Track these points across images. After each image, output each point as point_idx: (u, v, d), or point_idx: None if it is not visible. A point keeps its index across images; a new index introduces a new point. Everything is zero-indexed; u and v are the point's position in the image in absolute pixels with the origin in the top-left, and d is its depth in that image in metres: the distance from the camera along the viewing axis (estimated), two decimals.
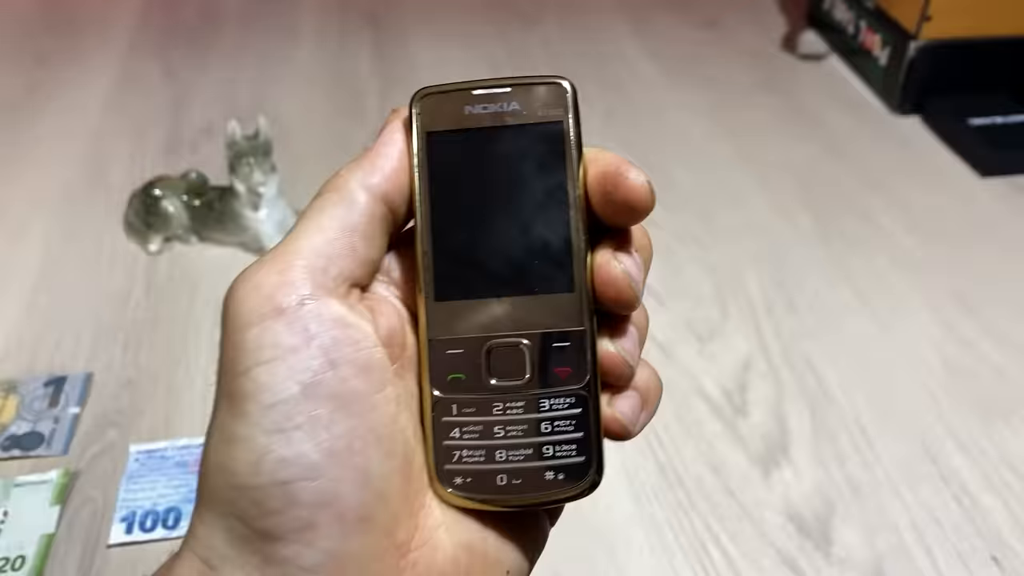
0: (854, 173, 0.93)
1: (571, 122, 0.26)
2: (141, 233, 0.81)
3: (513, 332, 0.25)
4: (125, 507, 0.58)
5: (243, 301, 0.23)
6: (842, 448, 0.63)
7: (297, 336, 0.22)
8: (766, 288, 0.77)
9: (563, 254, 0.25)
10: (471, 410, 0.25)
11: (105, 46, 1.17)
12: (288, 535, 0.22)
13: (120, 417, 0.65)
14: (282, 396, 0.22)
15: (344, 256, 0.24)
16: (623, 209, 0.25)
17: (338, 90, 1.08)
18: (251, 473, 0.22)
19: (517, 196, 0.26)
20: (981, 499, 0.59)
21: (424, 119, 0.26)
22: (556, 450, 0.25)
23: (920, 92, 0.99)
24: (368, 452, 0.23)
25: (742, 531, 0.57)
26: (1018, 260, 0.80)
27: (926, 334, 0.72)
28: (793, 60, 1.15)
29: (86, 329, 0.72)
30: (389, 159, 0.26)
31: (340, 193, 0.25)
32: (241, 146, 0.74)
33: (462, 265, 0.26)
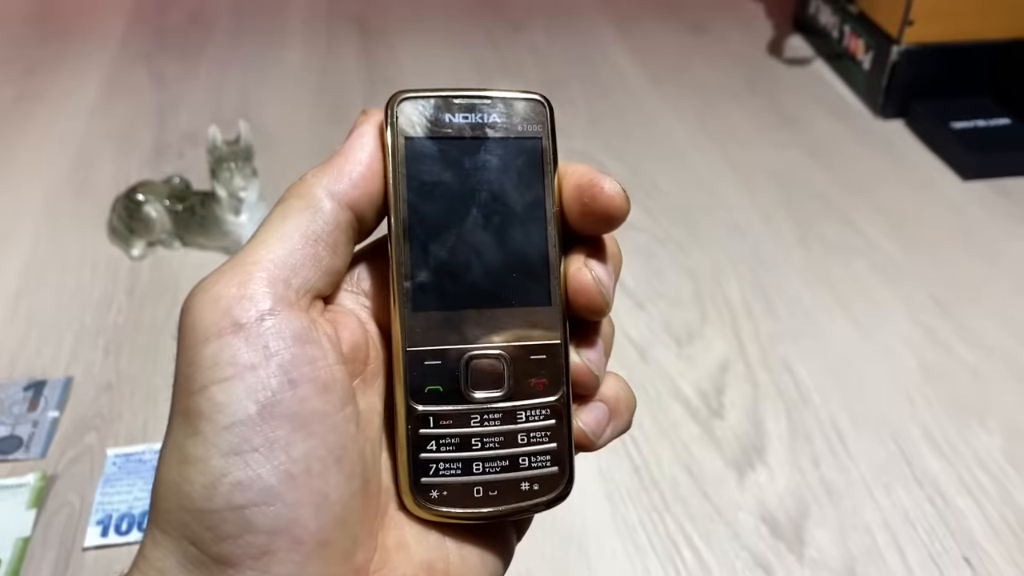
0: (836, 177, 0.93)
1: (549, 138, 0.26)
2: (124, 238, 0.81)
3: (492, 344, 0.25)
4: (101, 510, 0.58)
5: (201, 315, 0.22)
6: (817, 450, 0.63)
7: (256, 353, 0.22)
8: (746, 292, 0.77)
9: (541, 268, 0.26)
10: (448, 422, 0.25)
11: (94, 53, 1.17)
12: (244, 561, 0.21)
13: (99, 421, 0.65)
14: (239, 417, 0.21)
15: (307, 267, 0.23)
16: (601, 219, 0.25)
17: (324, 95, 1.08)
18: (206, 497, 0.21)
19: (496, 209, 0.25)
20: (955, 500, 0.59)
21: (402, 123, 0.25)
22: (532, 461, 0.25)
23: (903, 96, 1.00)
24: (327, 475, 0.22)
25: (715, 533, 0.57)
26: (996, 263, 0.81)
27: (903, 337, 0.72)
28: (779, 65, 1.16)
29: (68, 333, 0.73)
30: (358, 164, 0.25)
31: (305, 199, 0.24)
32: (222, 151, 0.75)
33: (440, 276, 0.25)
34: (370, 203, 0.25)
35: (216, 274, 0.23)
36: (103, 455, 0.62)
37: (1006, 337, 0.72)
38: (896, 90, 0.99)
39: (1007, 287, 0.78)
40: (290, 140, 0.99)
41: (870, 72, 1.02)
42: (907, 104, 1.00)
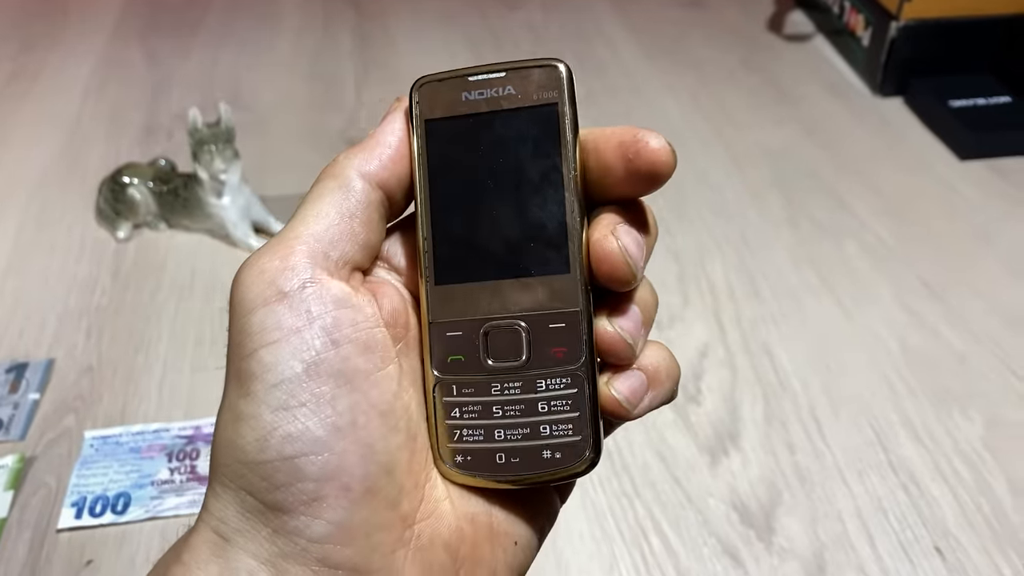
0: (831, 156, 0.92)
1: (566, 103, 0.26)
2: (111, 220, 0.81)
3: (510, 314, 0.26)
4: (76, 492, 0.59)
5: (248, 287, 0.24)
6: (793, 436, 0.62)
7: (299, 318, 0.23)
8: (730, 274, 0.76)
9: (558, 235, 0.26)
10: (470, 391, 0.26)
11: (90, 32, 1.17)
12: (296, 507, 0.23)
13: (79, 403, 0.66)
14: (286, 375, 0.23)
15: (344, 240, 0.25)
16: (646, 176, 0.25)
17: (317, 78, 1.07)
18: (258, 449, 0.23)
19: (512, 180, 0.26)
20: (929, 488, 0.59)
21: (423, 107, 0.27)
22: (553, 429, 0.26)
23: (902, 73, 0.98)
24: (371, 427, 0.23)
25: (684, 519, 0.57)
26: (989, 246, 0.79)
27: (889, 320, 0.71)
28: (778, 40, 1.13)
29: (51, 315, 0.73)
30: (387, 147, 0.26)
31: (338, 180, 0.26)
32: (202, 134, 0.75)
33: (460, 249, 0.26)
34: (398, 184, 0.26)
35: (261, 250, 0.25)
36: (81, 437, 0.63)
37: (995, 323, 0.71)
38: (894, 67, 0.97)
39: (999, 271, 0.76)
40: (281, 122, 0.98)
41: (869, 49, 1.00)
42: (906, 81, 0.98)
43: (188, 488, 0.59)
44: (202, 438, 0.62)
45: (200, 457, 0.61)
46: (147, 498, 0.59)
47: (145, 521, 0.57)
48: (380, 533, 0.23)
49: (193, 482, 0.60)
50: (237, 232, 0.78)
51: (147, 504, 0.58)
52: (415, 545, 0.24)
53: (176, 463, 0.61)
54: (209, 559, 0.23)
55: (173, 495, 0.59)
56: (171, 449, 0.62)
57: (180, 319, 0.73)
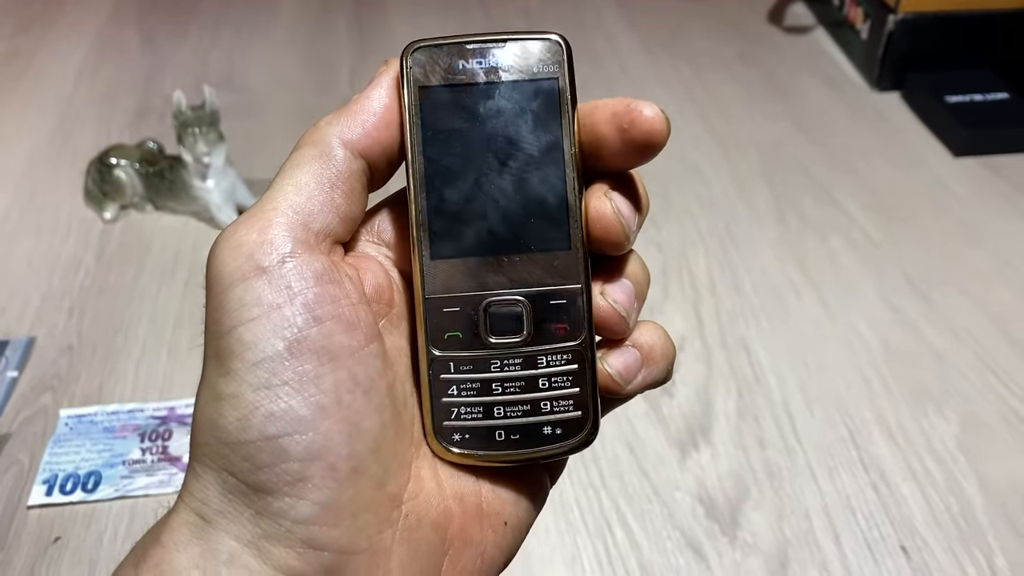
0: (823, 150, 0.91)
1: (566, 78, 0.26)
2: (98, 201, 0.82)
3: (511, 290, 0.25)
4: (48, 469, 0.59)
5: (225, 261, 0.23)
6: (765, 432, 0.62)
7: (280, 294, 0.23)
8: (712, 267, 0.76)
9: (560, 212, 0.25)
10: (468, 367, 0.26)
11: (88, 13, 1.17)
12: (280, 488, 0.22)
13: (57, 382, 0.66)
14: (268, 353, 0.22)
15: (324, 212, 0.24)
16: (640, 145, 0.25)
17: (312, 61, 1.07)
18: (240, 429, 0.22)
19: (513, 153, 0.25)
20: (899, 487, 0.58)
21: (416, 73, 0.25)
22: (553, 405, 0.25)
23: (899, 67, 0.96)
24: (356, 405, 0.23)
25: (650, 512, 0.57)
26: (977, 244, 0.78)
27: (871, 317, 0.71)
28: (778, 33, 1.12)
29: (35, 294, 0.74)
30: (371, 113, 0.25)
31: (318, 148, 0.25)
32: (187, 116, 0.75)
33: (458, 223, 0.25)
34: (382, 153, 0.25)
35: (237, 223, 0.24)
36: (56, 416, 0.63)
37: (978, 322, 0.70)
38: (892, 61, 0.96)
39: (987, 270, 0.75)
40: (274, 106, 0.98)
41: (867, 42, 0.99)
42: (903, 76, 0.96)
43: (159, 468, 0.60)
44: (175, 419, 0.63)
45: (172, 438, 0.61)
46: (117, 477, 0.59)
47: (114, 500, 0.58)
48: (367, 513, 0.23)
49: (164, 462, 0.60)
50: (221, 215, 0.78)
51: (117, 483, 0.59)
52: (403, 525, 0.24)
53: (148, 443, 0.61)
54: (190, 541, 0.23)
55: (144, 475, 0.59)
56: (144, 429, 0.62)
57: (161, 301, 0.73)
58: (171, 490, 0.58)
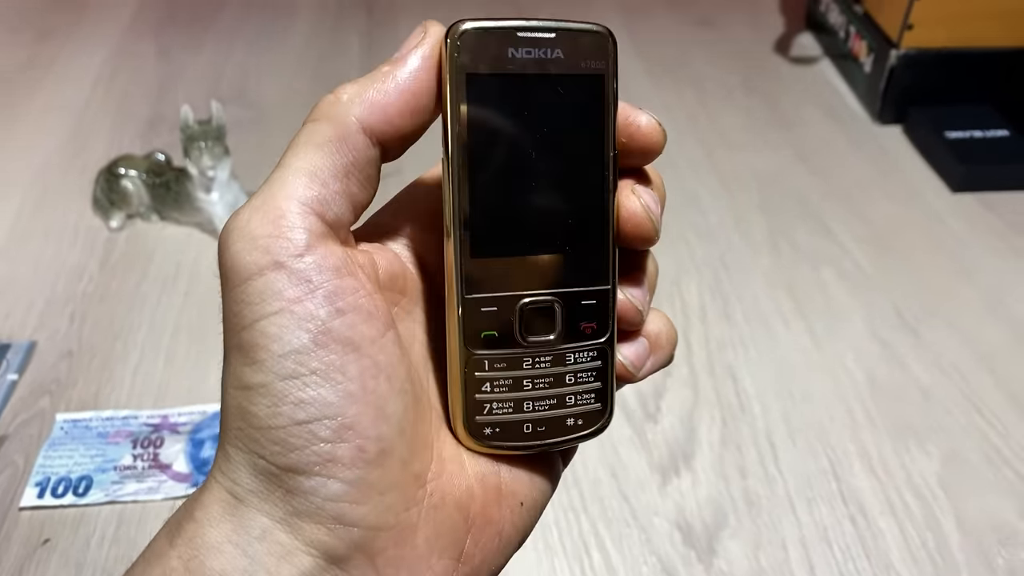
0: (821, 181, 0.91)
1: (612, 74, 0.25)
2: (105, 209, 0.84)
3: (547, 290, 0.26)
4: (41, 472, 0.61)
5: (240, 254, 0.23)
6: (747, 461, 0.63)
7: (300, 288, 0.23)
8: (704, 295, 0.77)
9: (597, 213, 0.26)
10: (502, 365, 0.26)
11: (107, 23, 1.20)
12: (311, 468, 0.23)
13: (55, 386, 0.68)
14: (294, 345, 0.23)
15: (339, 202, 0.24)
16: (639, 154, 0.26)
17: (321, 77, 1.09)
18: (270, 415, 0.23)
19: (554, 151, 0.25)
20: (877, 521, 0.59)
21: (463, 58, 0.24)
22: (578, 399, 0.27)
23: (901, 101, 0.97)
24: (380, 391, 0.24)
25: (628, 536, 0.58)
26: (970, 280, 0.79)
27: (858, 350, 0.71)
28: (783, 63, 1.13)
29: (39, 299, 0.76)
30: (397, 97, 0.24)
31: (337, 128, 0.24)
32: (193, 130, 0.76)
33: (499, 223, 0.25)
34: (401, 140, 0.25)
35: (249, 210, 0.23)
36: (53, 419, 0.65)
37: (966, 358, 0.71)
38: (894, 95, 0.97)
39: (977, 306, 0.76)
40: (281, 121, 1.00)
41: (870, 75, 1.00)
42: (905, 110, 0.97)
43: (148, 475, 0.61)
44: (168, 427, 0.64)
45: (163, 445, 0.63)
46: (108, 482, 0.60)
47: (104, 504, 0.59)
48: (393, 492, 0.24)
49: (154, 469, 0.61)
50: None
51: (108, 488, 0.60)
52: (428, 503, 0.25)
53: (140, 450, 0.62)
54: (222, 517, 0.23)
55: (134, 481, 0.60)
56: (136, 436, 0.63)
57: (161, 310, 0.75)
58: (159, 497, 0.59)
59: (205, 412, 0.65)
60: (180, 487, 0.60)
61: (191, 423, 0.64)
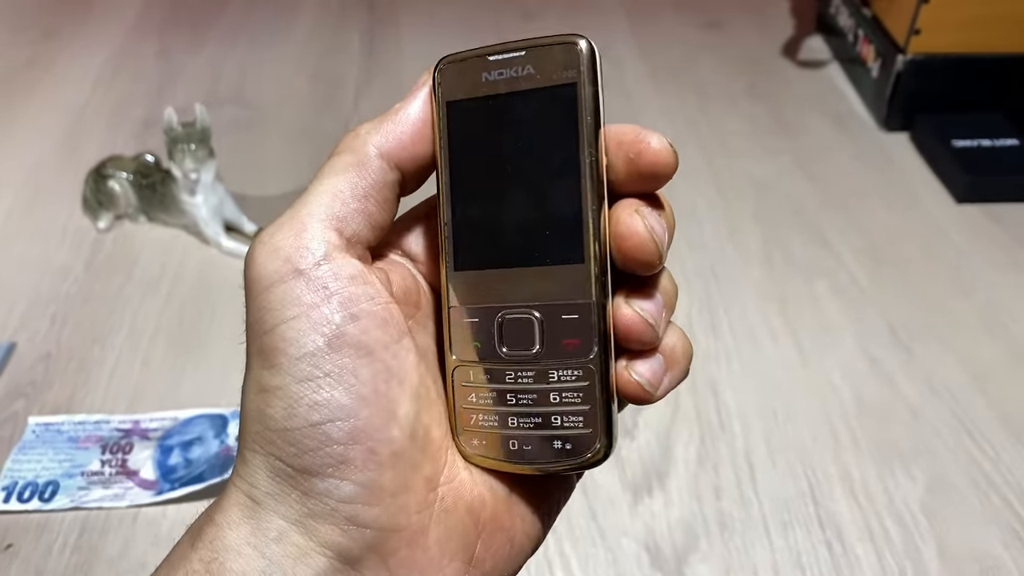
0: (820, 190, 0.89)
1: (587, 83, 0.25)
2: (93, 210, 0.84)
3: (524, 303, 0.26)
4: (9, 476, 0.61)
5: (263, 264, 0.25)
6: (723, 481, 0.61)
7: (317, 294, 0.24)
8: (692, 307, 0.75)
9: (573, 224, 0.25)
10: (486, 377, 0.26)
11: (111, 23, 1.21)
12: (324, 470, 0.24)
13: (31, 389, 0.68)
14: (309, 348, 0.24)
15: (357, 220, 0.25)
16: (647, 176, 0.25)
17: (320, 77, 1.09)
18: (286, 417, 0.24)
19: (529, 165, 0.26)
20: (854, 547, 0.56)
21: (444, 88, 0.26)
22: (564, 420, 0.26)
23: (908, 108, 0.94)
24: (392, 395, 0.24)
25: (594, 557, 0.56)
26: (969, 296, 0.76)
27: (846, 367, 0.69)
28: (791, 67, 1.11)
29: (21, 299, 0.76)
30: (407, 125, 0.26)
31: (356, 156, 0.26)
32: (177, 133, 0.76)
33: (479, 235, 0.26)
34: (415, 165, 0.27)
35: (274, 227, 0.25)
36: (25, 423, 0.64)
37: (958, 378, 0.68)
38: (901, 101, 0.94)
39: (974, 324, 0.73)
40: (277, 122, 1.00)
41: (877, 81, 0.97)
42: (912, 117, 0.94)
43: (115, 481, 0.60)
44: (138, 433, 0.64)
45: (132, 451, 0.62)
46: (74, 488, 0.60)
47: (68, 510, 0.59)
48: (405, 494, 0.24)
49: (121, 476, 0.61)
50: (208, 230, 0.79)
51: (73, 494, 0.60)
52: (439, 507, 0.25)
53: (108, 455, 0.62)
54: (241, 520, 0.24)
55: (100, 487, 0.60)
56: (106, 441, 0.63)
57: (142, 312, 0.75)
58: (124, 504, 0.59)
59: (176, 419, 0.65)
60: (145, 494, 0.59)
61: (162, 429, 0.64)
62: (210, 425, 0.64)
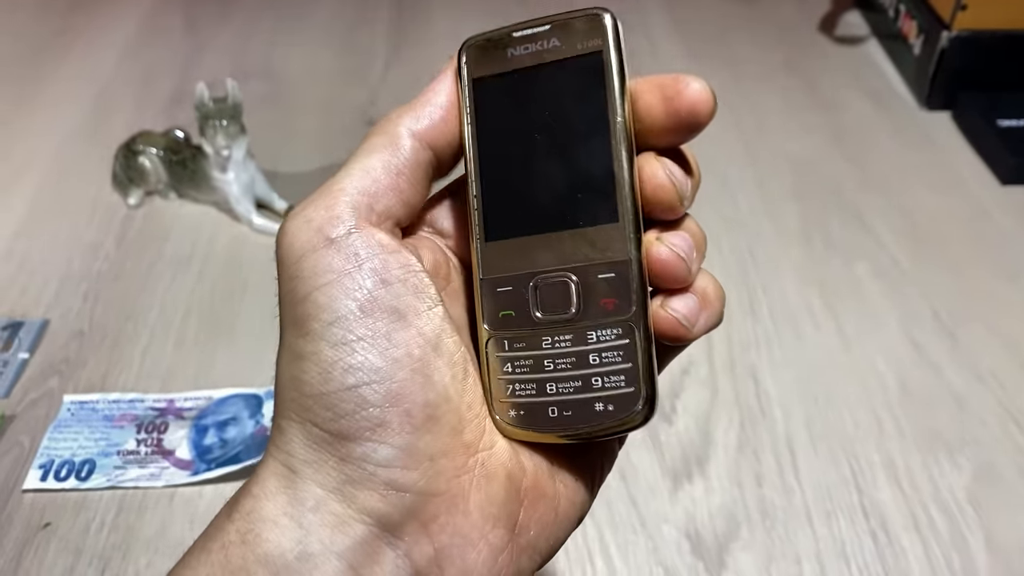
0: (860, 169, 0.87)
1: (612, 50, 0.26)
2: (124, 186, 0.83)
3: (559, 266, 0.26)
4: (46, 454, 0.61)
5: (295, 235, 0.25)
6: (765, 468, 0.60)
7: (348, 261, 0.24)
8: (728, 287, 0.73)
9: (605, 184, 0.25)
10: (521, 345, 0.26)
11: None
12: (361, 433, 0.23)
13: (65, 366, 0.67)
14: (342, 313, 0.24)
15: (388, 196, 0.26)
16: (685, 118, 0.25)
17: (348, 50, 1.07)
18: (321, 382, 0.24)
19: (558, 132, 0.26)
20: (899, 538, 0.55)
21: (470, 67, 0.27)
22: (604, 381, 0.25)
23: (951, 86, 0.92)
24: (427, 359, 0.24)
25: (634, 544, 0.55)
26: (1016, 281, 0.74)
27: (890, 353, 0.68)
28: (828, 42, 1.08)
29: (53, 277, 0.75)
30: (437, 107, 0.27)
31: (388, 136, 0.26)
32: (208, 108, 0.75)
33: (509, 205, 0.27)
34: (447, 144, 0.27)
35: (307, 201, 0.26)
36: (60, 400, 0.64)
37: (1005, 365, 0.66)
38: (944, 79, 0.91)
39: (1019, 309, 0.71)
40: (304, 95, 0.98)
41: (919, 58, 0.94)
42: (955, 95, 0.92)
43: (151, 461, 0.60)
44: (173, 412, 0.63)
45: (167, 431, 0.62)
46: (111, 467, 0.60)
47: (105, 489, 0.59)
48: (444, 459, 0.24)
49: (156, 455, 0.61)
50: (239, 207, 0.79)
51: (110, 473, 0.59)
52: (479, 472, 0.25)
53: (144, 435, 0.62)
54: (278, 491, 0.24)
55: (136, 466, 0.60)
56: (141, 420, 0.63)
57: (173, 290, 0.74)
58: (160, 484, 0.59)
59: (211, 398, 0.64)
60: (182, 474, 0.59)
61: (196, 408, 0.64)
62: (245, 405, 0.63)
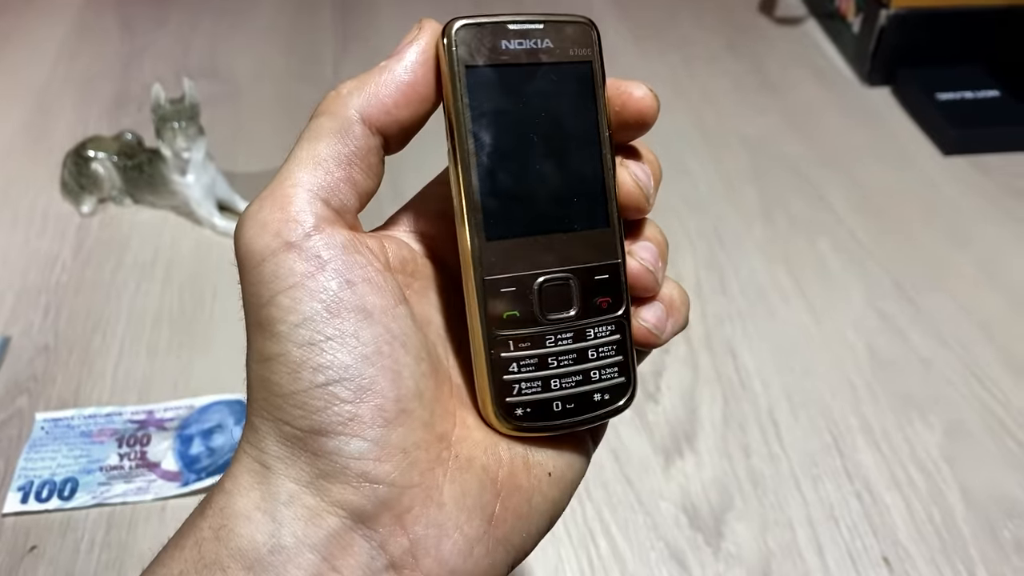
0: (812, 147, 0.90)
1: (598, 62, 0.27)
2: (75, 194, 0.80)
3: (561, 268, 0.27)
4: (24, 476, 0.58)
5: (253, 239, 0.24)
6: (750, 439, 0.62)
7: (311, 263, 0.24)
8: (700, 269, 0.75)
9: (599, 191, 0.27)
10: (526, 344, 0.27)
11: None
12: (333, 428, 0.23)
13: (33, 384, 0.65)
14: (308, 314, 0.24)
15: (342, 189, 0.25)
16: (633, 125, 0.27)
17: (294, 48, 1.05)
18: (290, 382, 0.24)
19: (555, 135, 0.26)
20: (883, 496, 0.58)
21: (461, 52, 0.25)
22: (602, 373, 0.27)
23: (891, 63, 0.95)
24: (396, 355, 0.24)
25: (634, 522, 0.57)
26: (965, 247, 0.78)
27: (857, 323, 0.70)
28: (769, 24, 1.11)
29: (9, 292, 0.72)
30: (394, 88, 0.25)
31: (337, 120, 0.25)
32: (165, 110, 0.73)
33: (510, 205, 0.26)
34: (400, 129, 0.26)
35: (259, 201, 0.25)
36: (32, 419, 0.62)
37: (964, 328, 0.70)
38: (883, 56, 0.95)
39: (973, 274, 0.75)
40: (255, 95, 0.96)
41: (859, 36, 0.98)
42: (894, 71, 0.95)
43: (136, 475, 0.59)
44: (154, 423, 0.62)
45: (150, 443, 0.60)
46: (95, 484, 0.58)
47: (91, 507, 0.57)
48: (417, 451, 0.24)
49: (142, 468, 0.59)
50: (201, 210, 0.77)
51: (94, 490, 0.58)
52: (453, 465, 0.25)
53: (126, 448, 0.60)
54: (251, 486, 0.24)
55: (121, 481, 0.58)
56: (122, 434, 0.61)
57: (140, 299, 0.72)
58: (150, 497, 0.57)
59: (192, 406, 0.63)
60: (171, 486, 0.58)
61: (178, 418, 0.62)
62: (229, 412, 0.62)
